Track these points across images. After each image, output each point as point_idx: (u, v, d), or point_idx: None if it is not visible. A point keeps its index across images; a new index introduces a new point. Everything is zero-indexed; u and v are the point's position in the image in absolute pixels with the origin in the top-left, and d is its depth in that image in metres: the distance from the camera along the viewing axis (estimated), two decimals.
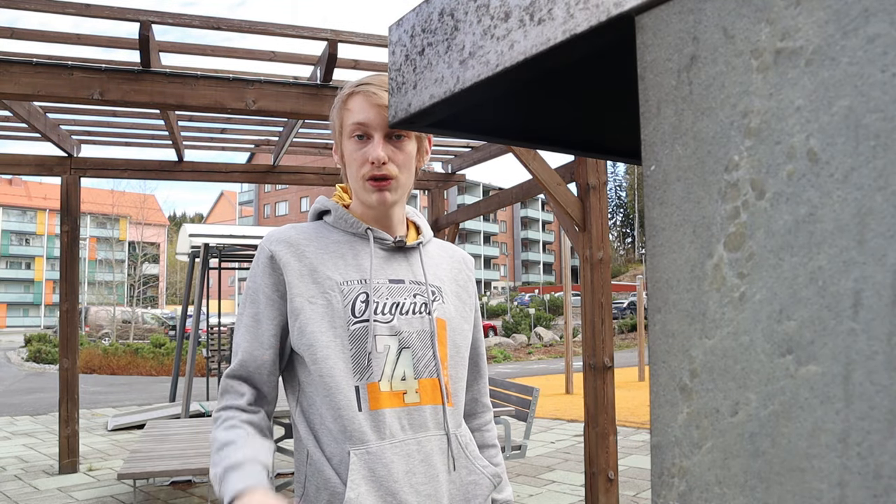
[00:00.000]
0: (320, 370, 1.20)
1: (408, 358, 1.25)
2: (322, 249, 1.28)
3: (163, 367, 16.92)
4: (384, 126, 1.25)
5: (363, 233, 1.31)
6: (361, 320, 1.23)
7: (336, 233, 1.32)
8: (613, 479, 4.43)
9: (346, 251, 1.29)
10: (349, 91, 1.29)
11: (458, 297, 1.38)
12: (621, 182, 78.86)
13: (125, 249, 47.36)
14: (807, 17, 0.30)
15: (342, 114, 1.30)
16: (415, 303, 1.29)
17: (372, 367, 1.21)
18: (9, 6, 3.90)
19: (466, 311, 1.39)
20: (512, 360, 21.88)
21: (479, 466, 1.30)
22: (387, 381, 1.22)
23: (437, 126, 0.54)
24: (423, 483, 1.21)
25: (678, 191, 0.35)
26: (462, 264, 1.46)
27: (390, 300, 1.27)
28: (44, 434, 8.41)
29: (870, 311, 0.27)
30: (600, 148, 0.66)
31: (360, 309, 1.23)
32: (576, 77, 0.49)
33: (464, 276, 1.44)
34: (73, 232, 6.34)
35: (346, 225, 1.32)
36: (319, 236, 1.30)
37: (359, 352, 1.22)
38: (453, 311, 1.34)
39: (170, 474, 4.30)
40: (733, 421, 0.32)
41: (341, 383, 1.19)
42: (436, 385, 1.27)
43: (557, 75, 0.47)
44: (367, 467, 1.17)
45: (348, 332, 1.22)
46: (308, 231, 1.31)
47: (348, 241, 1.31)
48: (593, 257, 4.48)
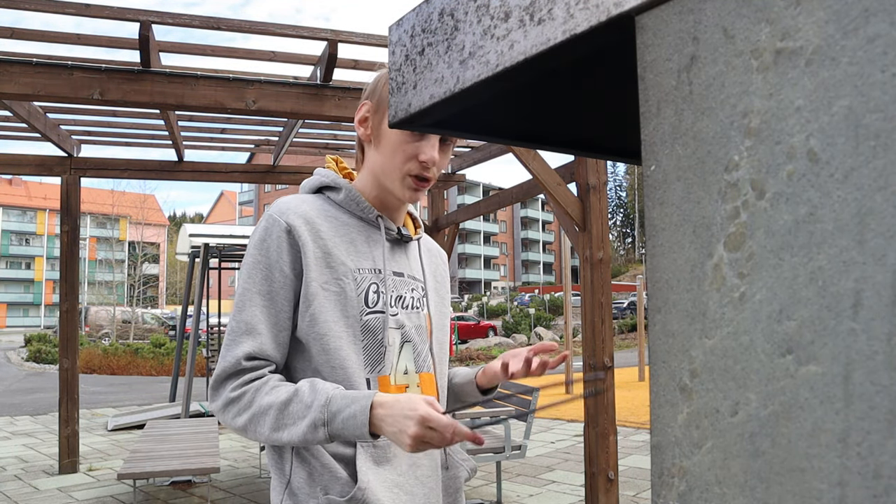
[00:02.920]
0: (331, 361, 1.14)
1: (409, 352, 1.24)
2: (334, 231, 1.20)
3: (163, 367, 16.92)
4: None
5: (374, 220, 1.25)
6: (374, 311, 1.18)
7: (344, 214, 1.24)
8: (613, 479, 4.43)
9: (357, 237, 1.22)
10: None
11: (437, 293, 1.37)
12: (621, 182, 78.84)
13: (125, 249, 47.35)
14: (807, 17, 0.30)
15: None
16: (413, 297, 1.28)
17: (383, 360, 1.18)
18: (9, 6, 3.90)
19: (444, 308, 1.39)
20: None
21: (460, 460, 1.32)
22: (394, 375, 1.20)
23: (437, 126, 0.54)
24: (427, 476, 1.22)
25: (678, 191, 0.35)
26: (439, 258, 1.44)
27: (395, 293, 1.24)
28: (44, 434, 8.41)
29: (870, 311, 0.27)
30: (600, 148, 0.66)
31: (372, 300, 1.19)
32: (576, 77, 0.49)
33: (441, 270, 1.43)
34: (73, 232, 6.34)
35: (358, 208, 1.24)
36: (329, 216, 1.21)
37: (370, 344, 1.17)
38: (434, 307, 1.34)
39: (170, 474, 4.30)
40: (733, 421, 0.32)
41: (353, 375, 1.14)
42: (432, 380, 1.28)
43: (557, 75, 0.47)
44: (373, 460, 1.15)
45: (360, 323, 1.17)
46: (317, 208, 1.21)
47: (358, 226, 1.24)
48: (593, 257, 4.48)
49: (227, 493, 5.49)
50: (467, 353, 21.51)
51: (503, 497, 5.24)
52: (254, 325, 1.13)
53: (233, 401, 1.12)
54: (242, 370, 1.12)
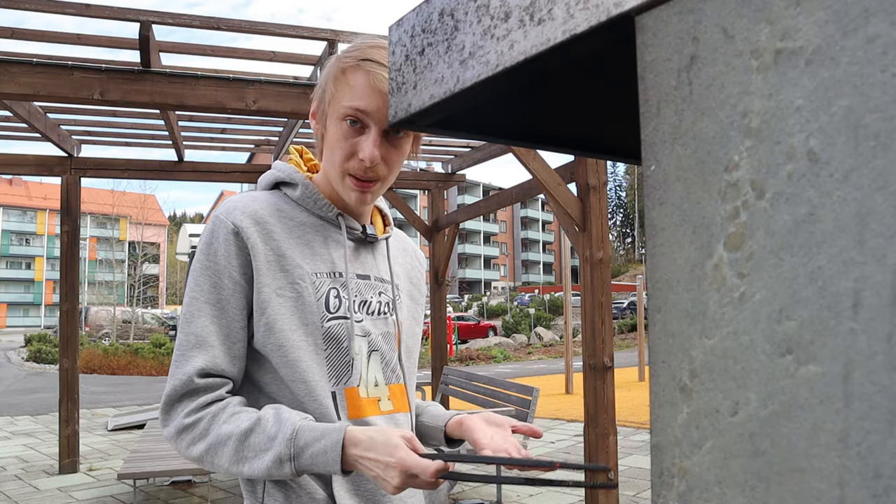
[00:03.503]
0: (292, 374, 1.04)
1: (377, 362, 1.13)
2: (288, 232, 1.09)
3: (163, 367, 16.91)
4: (384, 119, 1.06)
5: (334, 219, 1.14)
6: (336, 317, 1.08)
7: (301, 213, 1.13)
8: (613, 479, 4.43)
9: (314, 238, 1.11)
10: (353, 63, 1.07)
11: (410, 297, 1.26)
12: (621, 182, 78.83)
13: (125, 249, 47.35)
14: (807, 17, 0.30)
15: (338, 84, 1.08)
16: (380, 302, 1.16)
17: (351, 371, 1.08)
18: (9, 6, 3.90)
19: (417, 312, 1.27)
20: (512, 360, 21.86)
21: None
22: (364, 387, 1.09)
23: (437, 126, 0.54)
24: (409, 496, 1.14)
25: (678, 191, 0.35)
26: (415, 259, 1.32)
27: (359, 297, 1.12)
28: (44, 434, 8.41)
29: (870, 311, 0.27)
30: (600, 148, 0.66)
31: (333, 304, 1.08)
32: (576, 77, 0.49)
33: (416, 272, 1.30)
34: (74, 232, 6.34)
35: (315, 206, 1.13)
36: (283, 215, 1.10)
37: (334, 353, 1.07)
38: (406, 312, 1.22)
39: (170, 474, 4.29)
40: (733, 421, 0.32)
41: (316, 388, 1.04)
42: (402, 391, 1.17)
43: (557, 75, 0.47)
44: (351, 481, 1.05)
45: (322, 331, 1.06)
46: (270, 206, 1.10)
47: (315, 225, 1.12)
48: (593, 257, 4.48)
49: (227, 493, 5.49)
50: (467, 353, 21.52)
51: (503, 497, 5.24)
52: (204, 336, 1.02)
53: (186, 428, 1.00)
54: (196, 389, 1.01)
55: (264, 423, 0.98)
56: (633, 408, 9.83)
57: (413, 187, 8.14)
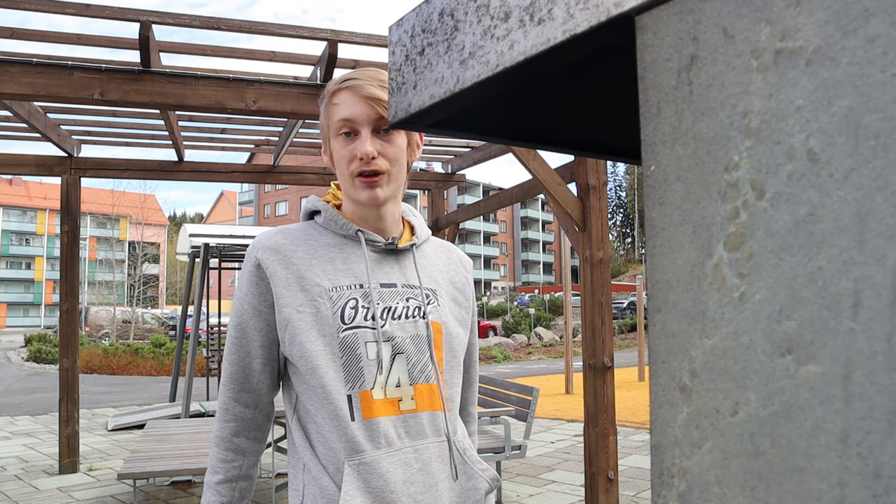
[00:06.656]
0: (314, 380, 1.18)
1: (402, 364, 1.21)
2: (310, 254, 1.24)
3: (163, 367, 16.92)
4: (372, 120, 1.20)
5: (354, 235, 1.27)
6: (351, 327, 1.19)
7: (326, 235, 1.28)
8: (613, 479, 4.42)
9: (336, 255, 1.25)
10: (335, 87, 1.24)
11: (454, 300, 1.34)
12: (621, 182, 78.84)
13: (125, 249, 47.35)
14: (807, 17, 0.30)
15: (329, 111, 1.25)
16: (408, 307, 1.25)
17: (364, 375, 1.18)
18: (9, 6, 3.90)
19: (463, 315, 1.35)
20: (512, 360, 21.86)
21: (479, 470, 1.27)
22: (380, 389, 1.18)
23: (437, 126, 0.54)
24: (421, 492, 1.17)
25: (678, 191, 0.35)
26: (460, 266, 1.40)
27: (381, 305, 1.23)
28: (44, 434, 8.41)
29: (870, 311, 0.27)
30: (600, 148, 0.66)
31: (349, 315, 1.20)
32: (576, 77, 0.49)
33: (461, 277, 1.39)
34: (74, 232, 6.34)
35: (336, 227, 1.27)
36: (308, 239, 1.26)
37: (350, 360, 1.18)
38: (448, 314, 1.30)
39: (170, 474, 4.30)
40: (733, 421, 0.32)
41: (333, 393, 1.16)
42: (433, 391, 1.23)
43: (557, 75, 0.47)
44: (361, 478, 1.14)
45: (338, 340, 1.18)
46: (297, 234, 1.27)
47: (338, 243, 1.27)
48: (593, 257, 4.48)
49: None
50: None
51: (503, 497, 5.24)
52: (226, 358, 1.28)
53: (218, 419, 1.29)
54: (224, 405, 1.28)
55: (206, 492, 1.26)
56: (633, 408, 9.83)
57: (413, 187, 8.15)
